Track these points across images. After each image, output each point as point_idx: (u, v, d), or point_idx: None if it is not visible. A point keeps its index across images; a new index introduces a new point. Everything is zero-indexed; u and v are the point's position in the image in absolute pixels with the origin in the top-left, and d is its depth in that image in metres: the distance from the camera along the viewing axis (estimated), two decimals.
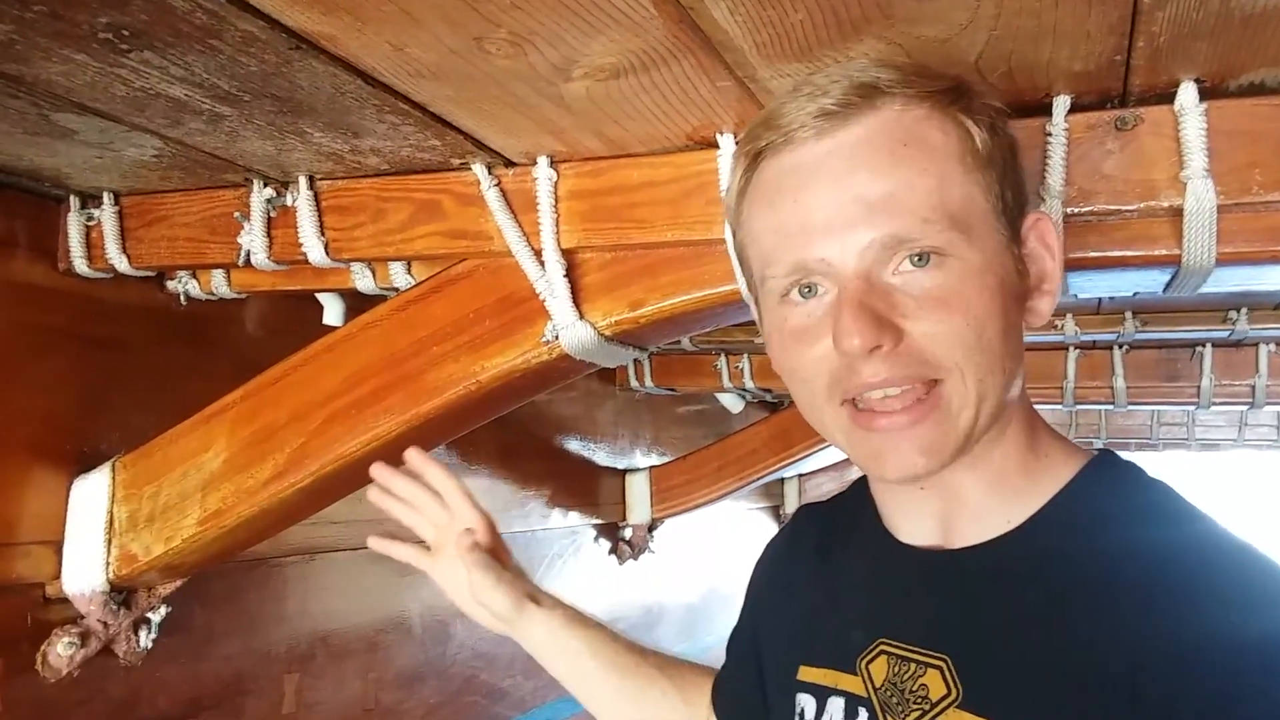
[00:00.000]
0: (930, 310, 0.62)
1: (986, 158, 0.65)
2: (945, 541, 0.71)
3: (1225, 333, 1.76)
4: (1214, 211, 0.79)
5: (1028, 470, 0.69)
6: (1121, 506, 0.66)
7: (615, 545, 2.61)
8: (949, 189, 0.62)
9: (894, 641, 0.70)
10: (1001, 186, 0.65)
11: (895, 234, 0.61)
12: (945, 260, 0.62)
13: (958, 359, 0.62)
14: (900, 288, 0.62)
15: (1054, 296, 0.69)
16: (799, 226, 0.64)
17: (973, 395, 0.63)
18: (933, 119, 0.64)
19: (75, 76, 0.80)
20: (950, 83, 0.66)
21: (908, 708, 0.66)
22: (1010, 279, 0.65)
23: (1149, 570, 0.61)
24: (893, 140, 0.63)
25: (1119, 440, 3.38)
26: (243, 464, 1.11)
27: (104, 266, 1.15)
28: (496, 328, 1.03)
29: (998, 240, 0.65)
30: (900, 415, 0.63)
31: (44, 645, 1.13)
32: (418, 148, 0.96)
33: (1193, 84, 0.78)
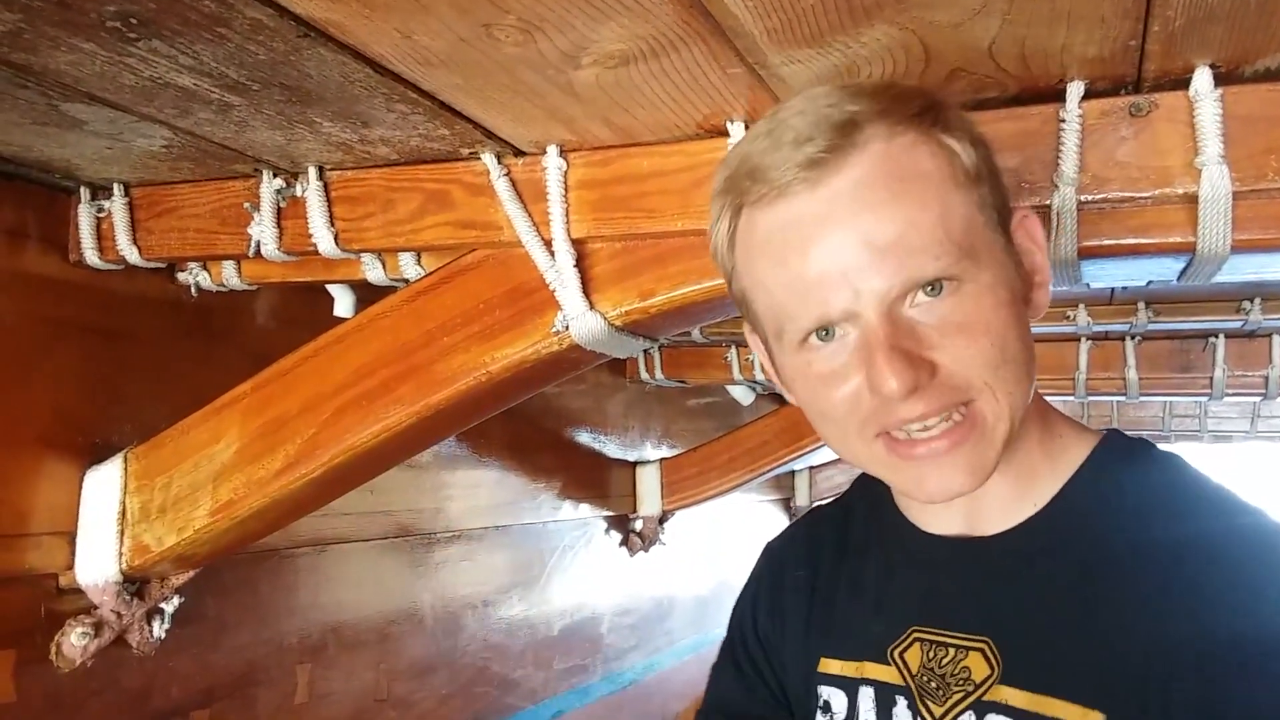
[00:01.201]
0: (953, 337, 0.63)
1: (975, 173, 0.65)
2: (972, 530, 0.73)
3: (1239, 323, 1.74)
4: (1229, 198, 0.78)
5: (1046, 455, 0.72)
6: (1140, 482, 0.69)
7: (626, 537, 2.61)
8: (951, 216, 0.63)
9: (928, 628, 0.72)
10: (992, 195, 0.66)
11: (911, 276, 0.62)
12: (960, 285, 0.63)
13: (987, 379, 0.63)
14: (920, 320, 0.63)
15: (1047, 287, 0.70)
16: (813, 280, 0.63)
17: (1005, 408, 0.65)
18: (919, 146, 0.64)
19: (84, 66, 0.80)
20: (924, 103, 0.66)
21: (949, 691, 0.69)
22: (1015, 284, 0.66)
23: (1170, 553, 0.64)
24: (888, 177, 0.62)
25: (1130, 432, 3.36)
26: (254, 455, 1.11)
27: (115, 258, 1.16)
28: (506, 318, 1.03)
29: (999, 251, 0.66)
30: (940, 441, 0.64)
31: (58, 636, 1.13)
32: (427, 137, 0.96)
33: (1208, 69, 0.78)
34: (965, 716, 0.67)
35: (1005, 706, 0.66)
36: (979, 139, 0.67)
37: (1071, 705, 0.63)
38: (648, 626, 2.74)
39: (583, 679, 2.36)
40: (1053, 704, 0.64)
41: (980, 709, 0.67)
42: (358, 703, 1.61)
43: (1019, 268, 0.68)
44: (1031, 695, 0.65)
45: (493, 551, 2.00)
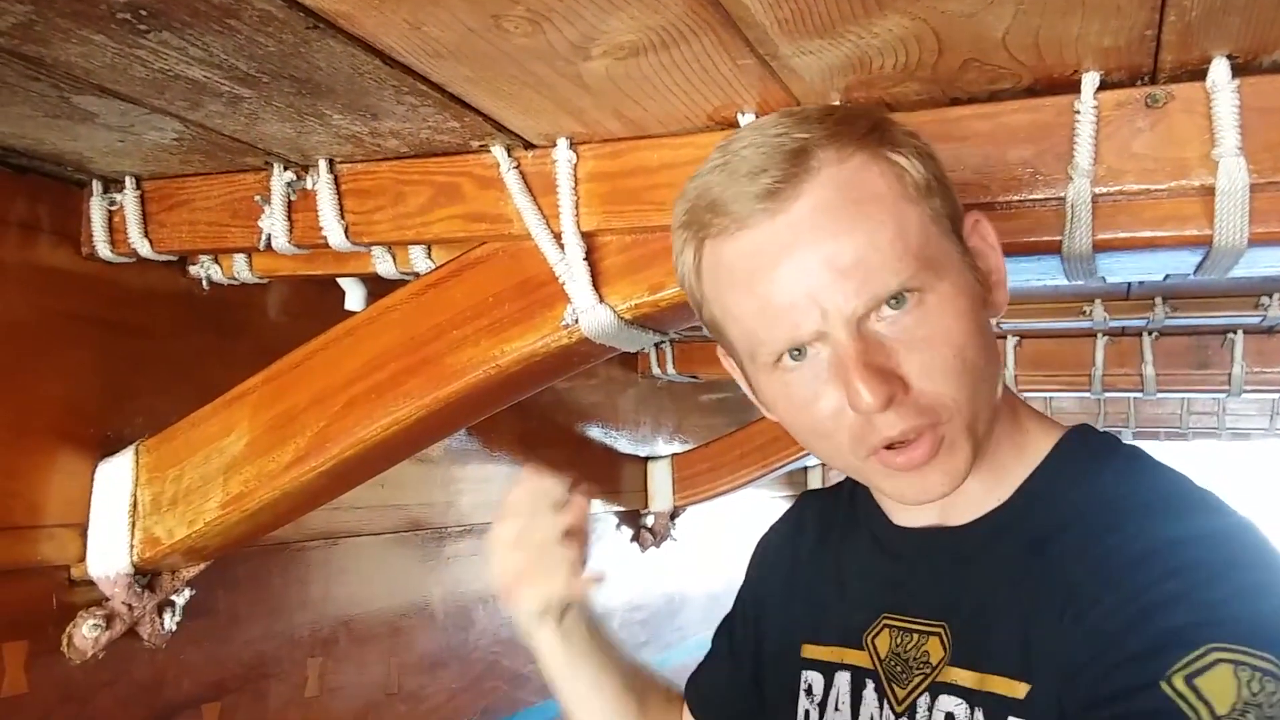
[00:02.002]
0: (918, 349, 0.65)
1: (925, 186, 0.66)
2: (943, 522, 0.76)
3: (1257, 318, 1.73)
4: (1246, 190, 0.77)
5: (1014, 448, 0.74)
6: (1093, 476, 0.72)
7: (637, 533, 2.60)
8: (908, 230, 0.65)
9: (896, 615, 0.76)
10: (943, 206, 0.68)
11: (875, 292, 0.64)
12: (922, 296, 0.65)
13: (954, 393, 0.65)
14: (887, 333, 0.65)
15: (1005, 285, 0.72)
16: (781, 305, 0.65)
17: (970, 419, 0.67)
18: (870, 166, 0.65)
19: (95, 58, 0.80)
20: (869, 123, 0.67)
21: (911, 674, 0.73)
22: (974, 289, 0.68)
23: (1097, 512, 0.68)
24: (844, 200, 0.64)
25: (1148, 430, 3.34)
26: (264, 448, 1.11)
27: (126, 251, 1.16)
28: (516, 311, 1.03)
29: (956, 259, 0.67)
30: (917, 451, 0.66)
31: (69, 627, 1.13)
32: (437, 130, 0.95)
33: (1225, 60, 0.77)
34: (923, 698, 0.71)
35: (955, 686, 0.69)
36: (926, 152, 0.68)
37: (1004, 679, 0.66)
38: (659, 622, 2.74)
39: None
40: (991, 680, 0.67)
41: (934, 690, 0.71)
42: (368, 696, 1.62)
43: (975, 271, 0.69)
44: (974, 674, 0.68)
45: None
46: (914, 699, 0.72)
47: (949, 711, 0.69)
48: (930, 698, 0.70)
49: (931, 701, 0.70)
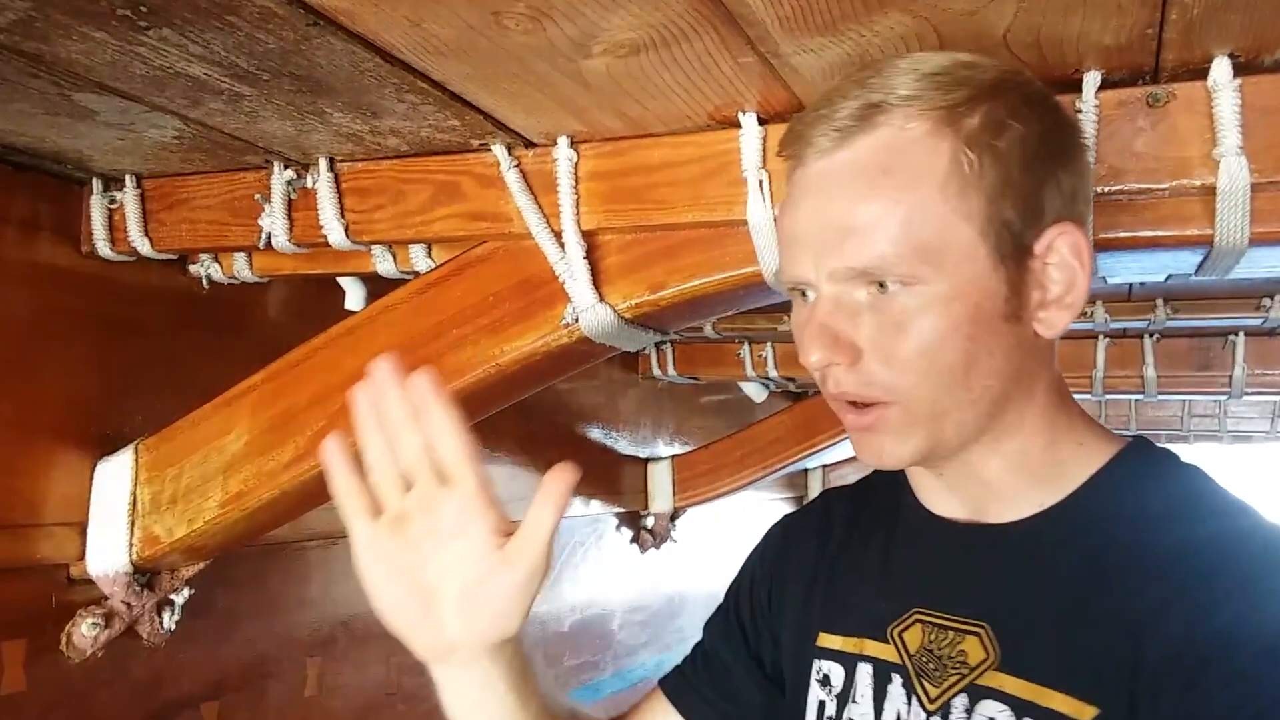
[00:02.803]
0: (886, 334, 0.65)
1: (979, 183, 0.64)
2: (978, 518, 0.74)
3: (1259, 320, 1.72)
4: (1247, 190, 0.77)
5: (1057, 455, 0.72)
6: (1158, 489, 0.69)
7: (637, 534, 2.60)
8: (921, 219, 0.63)
9: (929, 610, 0.73)
10: (999, 206, 0.64)
11: (862, 265, 0.64)
12: (910, 289, 0.64)
13: (906, 383, 0.66)
14: (866, 307, 0.66)
15: (1075, 310, 0.68)
16: (791, 240, 0.69)
17: (923, 417, 0.67)
18: (924, 142, 0.64)
19: (95, 55, 0.80)
20: (964, 96, 0.64)
21: (945, 673, 0.70)
22: (993, 301, 0.65)
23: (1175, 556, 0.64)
24: (875, 167, 0.64)
25: (1149, 432, 3.34)
26: (264, 447, 1.11)
27: (126, 249, 1.16)
28: (516, 310, 1.02)
29: (981, 265, 0.65)
30: (860, 416, 0.68)
31: (68, 626, 1.13)
32: (437, 128, 0.95)
33: (1226, 59, 0.76)
34: (959, 699, 0.69)
35: (1001, 693, 0.67)
36: (1007, 152, 0.64)
37: (1068, 698, 0.63)
38: (659, 623, 2.74)
39: (593, 675, 2.35)
40: (1049, 695, 0.64)
41: (974, 693, 0.68)
42: (368, 696, 1.62)
43: (1018, 285, 0.66)
44: (1029, 684, 0.66)
45: None
46: (948, 699, 0.69)
47: (991, 717, 0.67)
48: (969, 700, 0.68)
49: (971, 704, 0.68)
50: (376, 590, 0.70)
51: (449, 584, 0.68)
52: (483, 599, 0.68)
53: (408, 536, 0.69)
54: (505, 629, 0.70)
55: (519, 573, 0.67)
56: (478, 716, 0.74)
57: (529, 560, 0.67)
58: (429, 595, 0.69)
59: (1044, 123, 0.67)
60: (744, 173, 0.90)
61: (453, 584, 0.68)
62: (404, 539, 0.69)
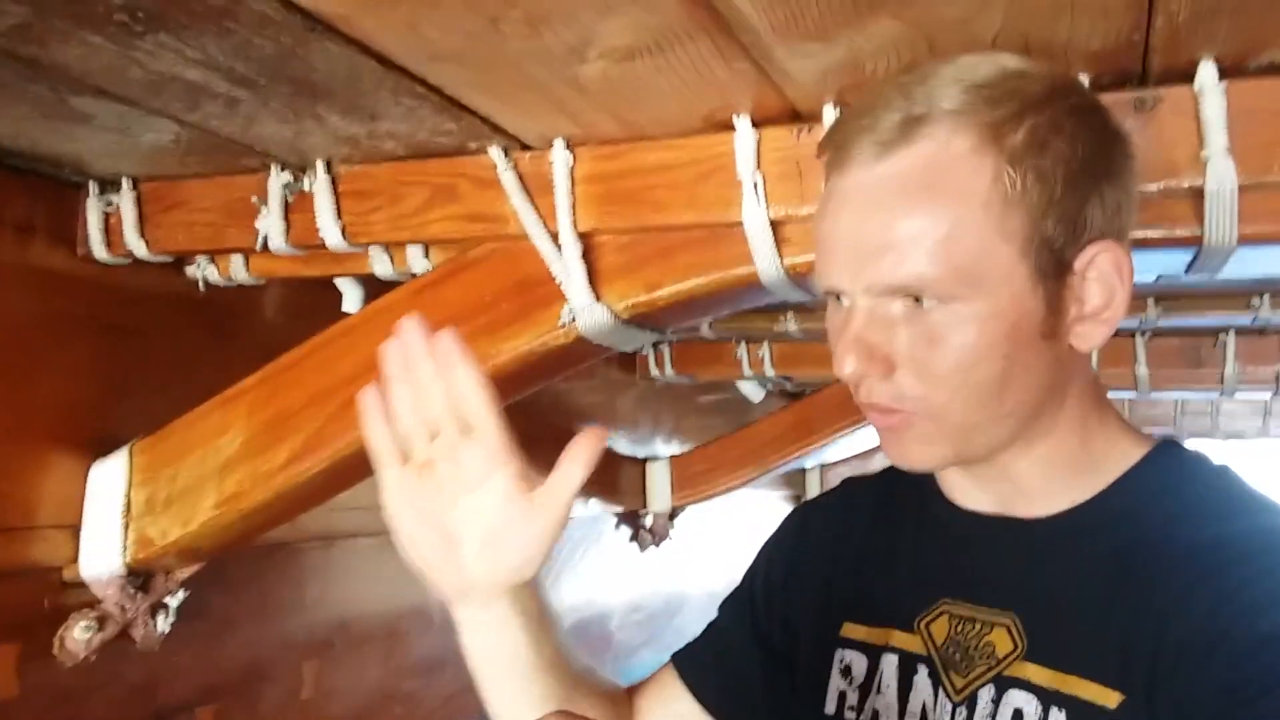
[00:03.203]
0: (921, 350, 0.65)
1: (1021, 201, 0.63)
2: (1007, 512, 0.75)
3: (1248, 319, 1.73)
4: (1235, 191, 0.78)
5: (1089, 456, 0.73)
6: (1185, 488, 0.71)
7: (636, 533, 2.61)
8: (961, 238, 0.63)
9: (957, 601, 0.74)
10: (1041, 224, 0.63)
11: (899, 282, 0.64)
12: (946, 306, 0.64)
13: (937, 397, 0.66)
14: (902, 321, 0.66)
15: (1112, 325, 0.68)
16: (828, 248, 0.69)
17: (952, 430, 0.68)
18: (968, 159, 0.63)
19: (92, 60, 0.81)
20: (1011, 112, 0.63)
21: (973, 664, 0.71)
22: (1030, 319, 0.65)
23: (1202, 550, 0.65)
24: (917, 184, 0.64)
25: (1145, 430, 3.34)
26: (259, 448, 1.12)
27: (123, 252, 1.16)
28: (513, 311, 1.03)
29: (1019, 283, 0.64)
30: (885, 418, 0.69)
31: (61, 630, 1.13)
32: (434, 131, 0.96)
33: (1212, 63, 0.77)
34: (986, 689, 0.70)
35: (1027, 682, 0.68)
36: (1049, 170, 0.63)
37: (1093, 684, 0.65)
38: (658, 623, 2.74)
39: None
40: (1075, 682, 0.66)
41: (1001, 683, 0.69)
42: (365, 699, 1.62)
43: (1055, 302, 0.65)
44: (1054, 673, 0.67)
45: None
46: (975, 689, 0.70)
47: (1018, 707, 0.68)
48: (996, 690, 0.69)
49: (998, 694, 0.69)
50: (403, 531, 0.75)
51: (471, 528, 0.73)
52: (504, 543, 0.73)
53: (434, 482, 0.73)
54: (523, 572, 0.75)
55: (542, 521, 0.73)
56: (495, 655, 0.80)
57: (553, 511, 0.73)
58: (452, 538, 0.74)
59: (1090, 137, 0.65)
60: (739, 175, 0.90)
61: (475, 528, 0.73)
62: (430, 484, 0.73)
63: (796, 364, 2.34)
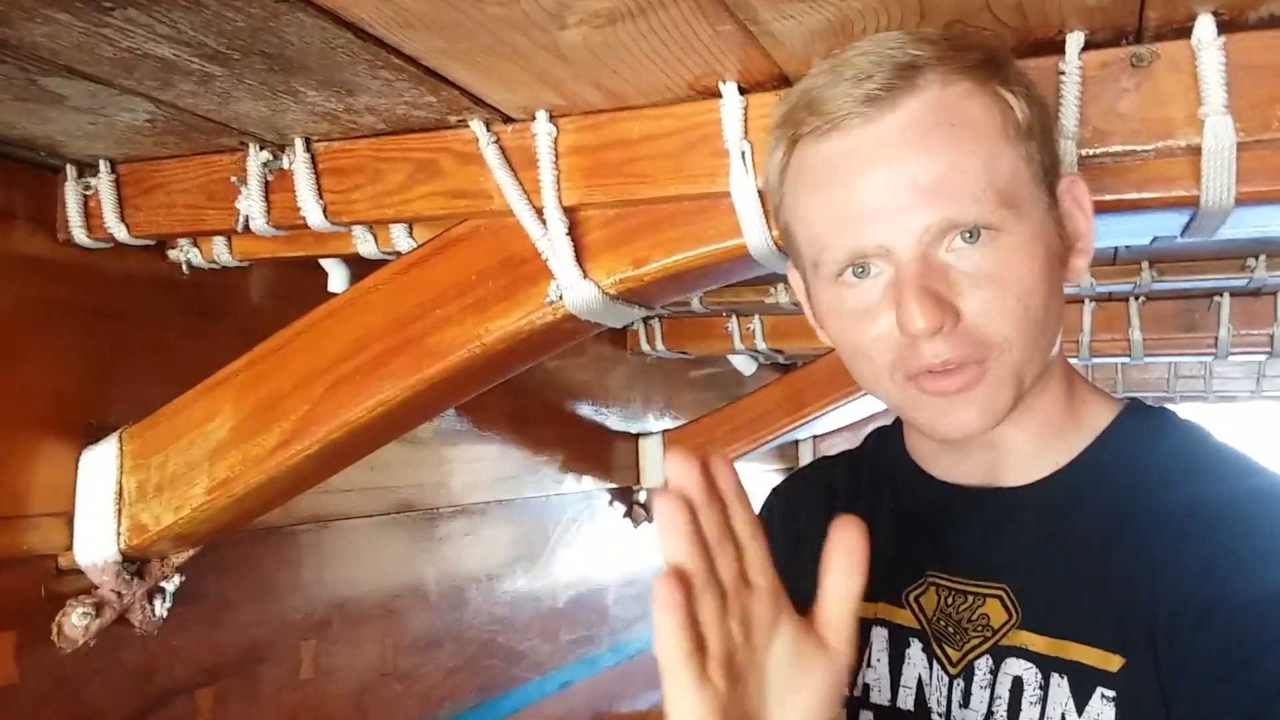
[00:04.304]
0: (983, 286, 0.64)
1: (1026, 128, 0.66)
2: (991, 482, 0.75)
3: (1243, 281, 1.72)
4: (1233, 149, 0.76)
5: (1071, 416, 0.74)
6: (1163, 447, 0.71)
7: (630, 509, 2.61)
8: (997, 166, 0.64)
9: (944, 574, 0.74)
10: (1040, 154, 0.67)
11: (949, 217, 0.63)
12: (997, 236, 0.64)
13: (1008, 333, 0.65)
14: (954, 265, 0.65)
15: (1089, 255, 0.72)
16: (855, 213, 0.66)
17: (1020, 364, 0.67)
18: (974, 95, 0.65)
19: (61, 38, 0.79)
20: (985, 54, 0.67)
21: (966, 636, 0.71)
22: (1054, 244, 0.67)
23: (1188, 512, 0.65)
24: (939, 122, 0.64)
25: (1136, 394, 3.34)
26: (249, 432, 1.10)
27: (103, 236, 1.14)
28: (499, 289, 1.01)
29: (1042, 208, 0.67)
30: (952, 380, 0.66)
31: (59, 616, 1.13)
32: (413, 105, 0.94)
33: (1210, 16, 0.75)
34: (983, 660, 0.70)
35: (1024, 651, 0.68)
36: (1035, 97, 0.68)
37: (1092, 649, 0.65)
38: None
39: (589, 650, 2.36)
40: (1073, 648, 0.66)
41: (998, 653, 0.69)
42: (363, 677, 1.62)
43: (1060, 230, 0.69)
44: (1051, 640, 0.67)
45: (496, 526, 2.00)
46: (972, 661, 0.70)
47: (1017, 676, 0.68)
48: (993, 661, 0.69)
49: (995, 665, 0.69)
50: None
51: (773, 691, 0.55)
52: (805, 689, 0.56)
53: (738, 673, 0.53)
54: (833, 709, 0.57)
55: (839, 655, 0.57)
56: None
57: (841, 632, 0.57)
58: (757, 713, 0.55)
59: (1036, 89, 0.70)
60: (726, 144, 0.89)
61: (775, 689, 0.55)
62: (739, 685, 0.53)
63: (788, 337, 2.32)
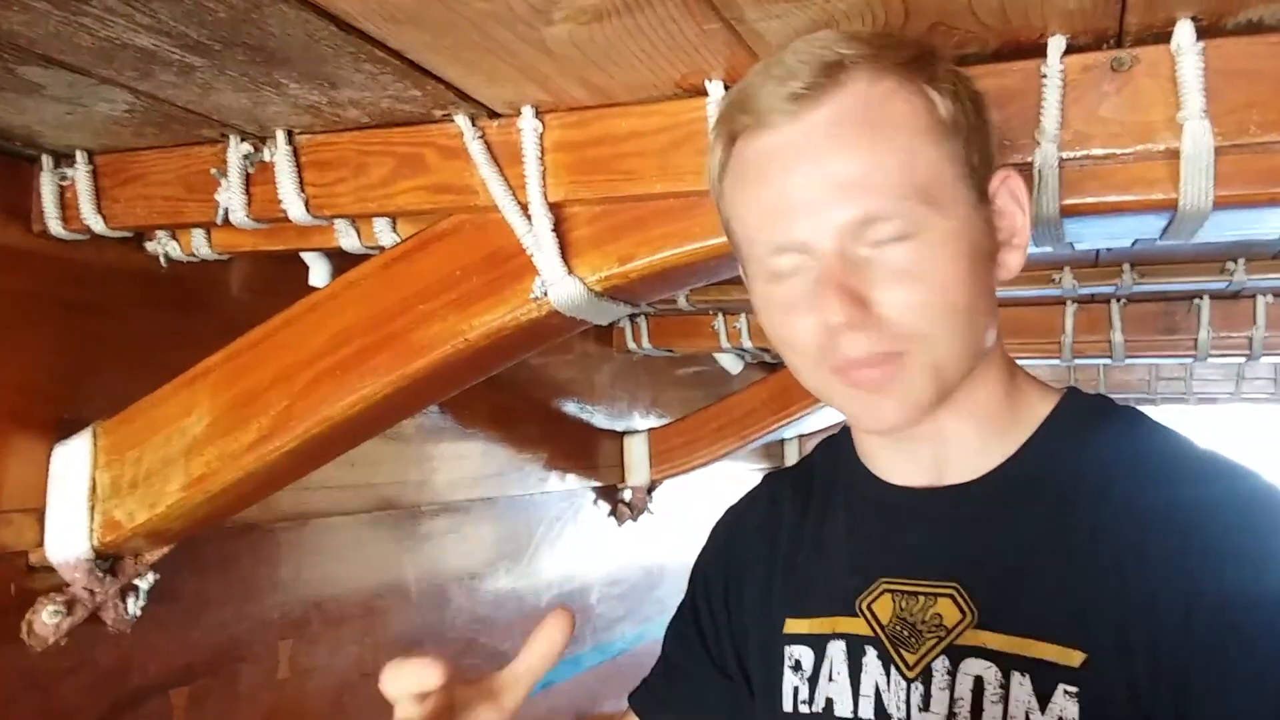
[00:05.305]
0: (902, 282, 0.65)
1: (952, 125, 0.67)
2: (939, 481, 0.74)
3: (1223, 284, 1.74)
4: (1211, 153, 0.77)
5: (1011, 408, 0.74)
6: (1104, 435, 0.71)
7: (614, 507, 2.60)
8: (917, 163, 0.65)
9: (896, 579, 0.73)
10: (968, 150, 0.68)
11: (868, 213, 0.64)
12: (916, 233, 0.65)
13: (927, 328, 0.66)
14: (874, 260, 0.65)
15: (1024, 250, 0.72)
16: (778, 208, 0.67)
17: (941, 358, 0.67)
18: (899, 93, 0.66)
19: (38, 26, 0.78)
20: (914, 52, 0.68)
21: (921, 638, 0.70)
22: (980, 241, 0.68)
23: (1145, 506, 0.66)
24: (861, 119, 0.65)
25: (1117, 395, 3.35)
26: (226, 428, 1.09)
27: (79, 227, 1.13)
28: (484, 285, 1.01)
29: (966, 206, 0.67)
30: (873, 372, 0.67)
31: (29, 614, 1.11)
32: (398, 99, 0.93)
33: (1189, 22, 0.76)
34: (939, 661, 0.69)
35: (983, 649, 0.67)
36: (969, 94, 0.69)
37: (1052, 645, 0.64)
38: (637, 596, 2.74)
39: (573, 649, 2.36)
40: (1032, 645, 0.65)
41: (955, 653, 0.68)
42: (342, 677, 1.61)
43: (989, 226, 0.69)
44: (1010, 638, 0.66)
45: (479, 524, 1.99)
46: (928, 662, 0.70)
47: (977, 675, 0.67)
48: (949, 661, 0.68)
49: (953, 665, 0.68)
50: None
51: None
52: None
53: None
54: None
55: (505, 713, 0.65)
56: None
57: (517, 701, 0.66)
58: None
59: (968, 85, 0.70)
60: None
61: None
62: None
63: None
